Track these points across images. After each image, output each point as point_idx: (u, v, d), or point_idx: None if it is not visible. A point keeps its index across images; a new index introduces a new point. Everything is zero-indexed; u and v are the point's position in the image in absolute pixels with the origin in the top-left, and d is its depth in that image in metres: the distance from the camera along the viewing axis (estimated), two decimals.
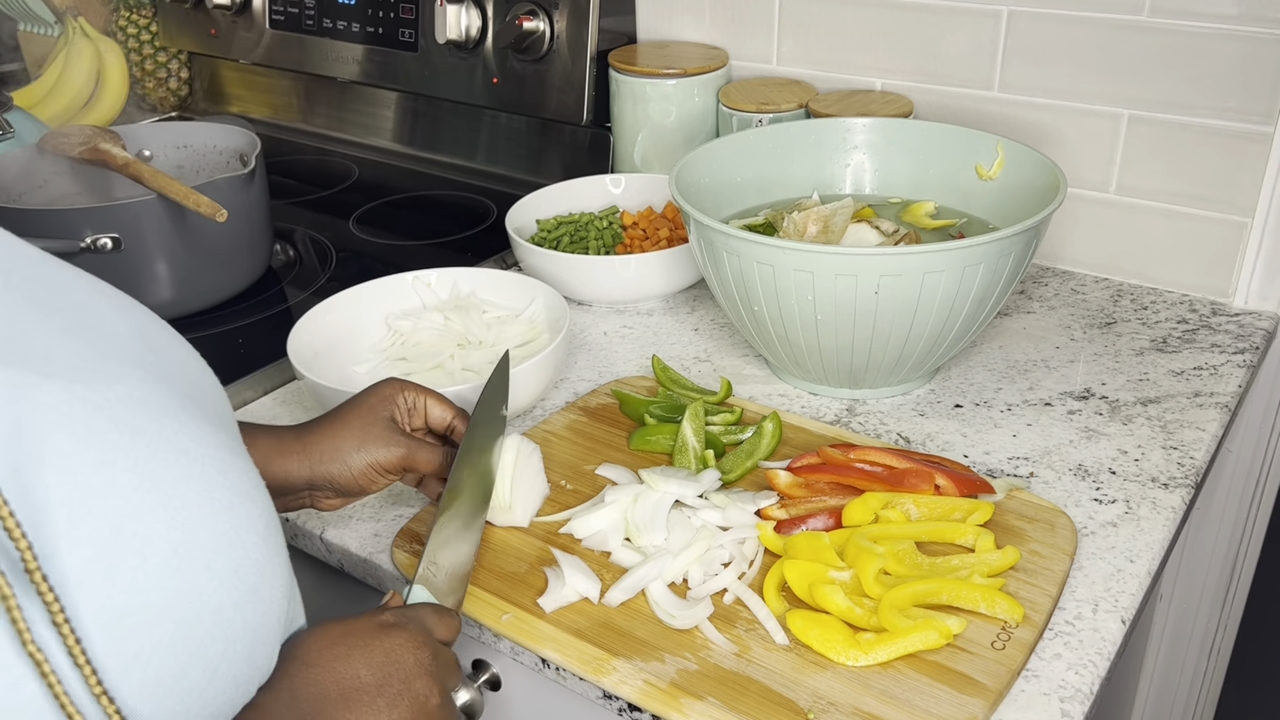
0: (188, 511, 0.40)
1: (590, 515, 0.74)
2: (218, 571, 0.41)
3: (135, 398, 0.41)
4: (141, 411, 0.41)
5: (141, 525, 0.38)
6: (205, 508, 0.41)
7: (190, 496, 0.41)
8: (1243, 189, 1.00)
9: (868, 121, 1.03)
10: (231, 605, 0.42)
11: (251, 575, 0.43)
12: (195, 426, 0.43)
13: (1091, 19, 1.02)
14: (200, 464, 0.42)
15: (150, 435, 0.40)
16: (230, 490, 0.43)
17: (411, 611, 0.57)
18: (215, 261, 1.10)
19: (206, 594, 0.41)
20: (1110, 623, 0.68)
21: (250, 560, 0.43)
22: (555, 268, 1.04)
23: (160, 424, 0.41)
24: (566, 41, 1.27)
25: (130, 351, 0.44)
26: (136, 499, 0.39)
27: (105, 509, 0.38)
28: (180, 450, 0.41)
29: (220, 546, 0.42)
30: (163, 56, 1.76)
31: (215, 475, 0.42)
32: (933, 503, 0.74)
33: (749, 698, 0.62)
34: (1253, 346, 0.97)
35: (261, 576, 0.44)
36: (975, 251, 0.77)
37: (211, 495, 0.42)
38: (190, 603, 0.40)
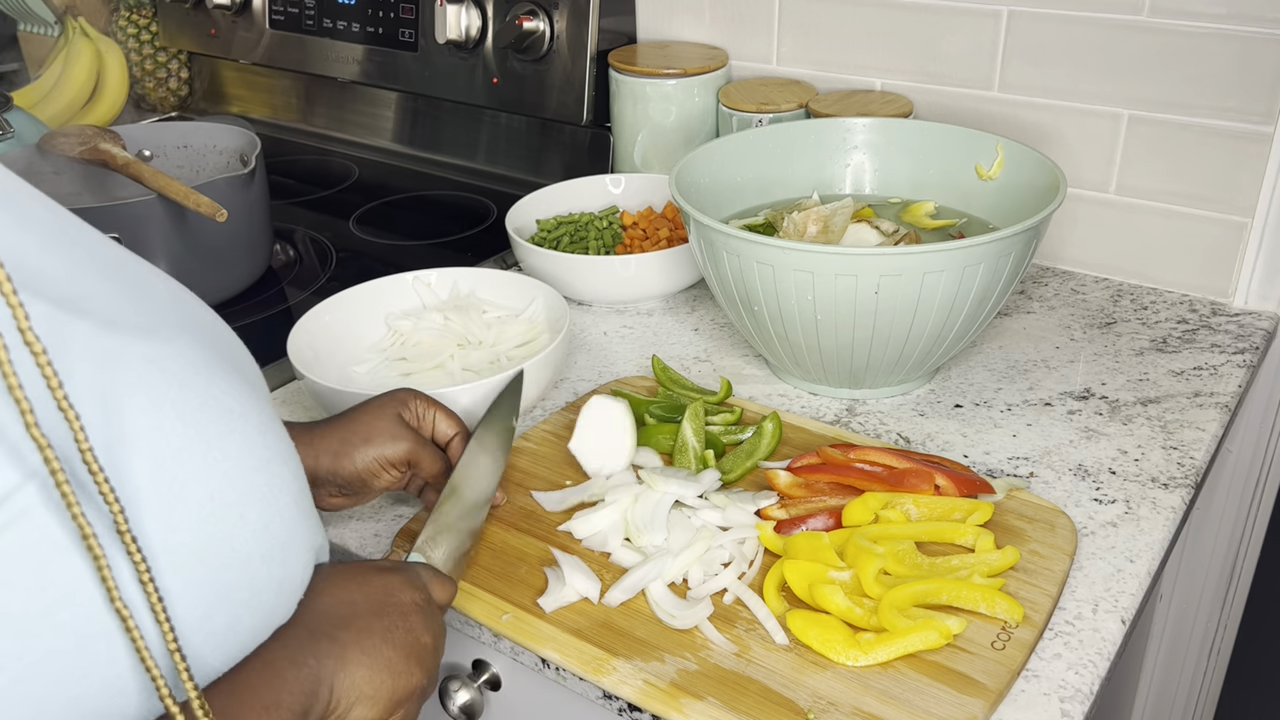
0: (228, 463, 0.43)
1: (590, 515, 0.74)
2: (250, 523, 0.43)
3: (185, 357, 0.43)
4: (191, 370, 0.43)
5: (181, 469, 0.41)
6: (244, 463, 0.44)
7: (231, 450, 0.43)
8: (1242, 189, 1.00)
9: (868, 121, 1.03)
10: (260, 557, 0.44)
11: (281, 532, 0.46)
12: (239, 389, 0.45)
13: (1091, 19, 1.02)
14: (243, 422, 0.44)
15: (198, 390, 0.43)
16: (268, 450, 0.45)
17: (409, 564, 0.61)
18: (215, 261, 1.10)
19: (238, 543, 0.43)
20: (1110, 623, 0.68)
21: (281, 518, 0.45)
22: (555, 268, 1.04)
23: (209, 381, 0.44)
24: (566, 41, 1.28)
25: (179, 318, 0.46)
26: (180, 444, 0.41)
27: (147, 451, 0.40)
28: (225, 408, 0.44)
29: (255, 500, 0.44)
30: (163, 56, 1.76)
31: (255, 434, 0.45)
32: (933, 503, 0.74)
33: (749, 698, 0.62)
34: (1253, 346, 0.97)
35: (290, 535, 0.46)
36: (975, 251, 0.77)
37: (251, 452, 0.44)
38: (221, 550, 0.42)
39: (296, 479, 0.48)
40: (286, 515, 0.46)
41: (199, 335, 0.46)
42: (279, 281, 1.20)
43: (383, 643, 0.54)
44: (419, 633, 0.56)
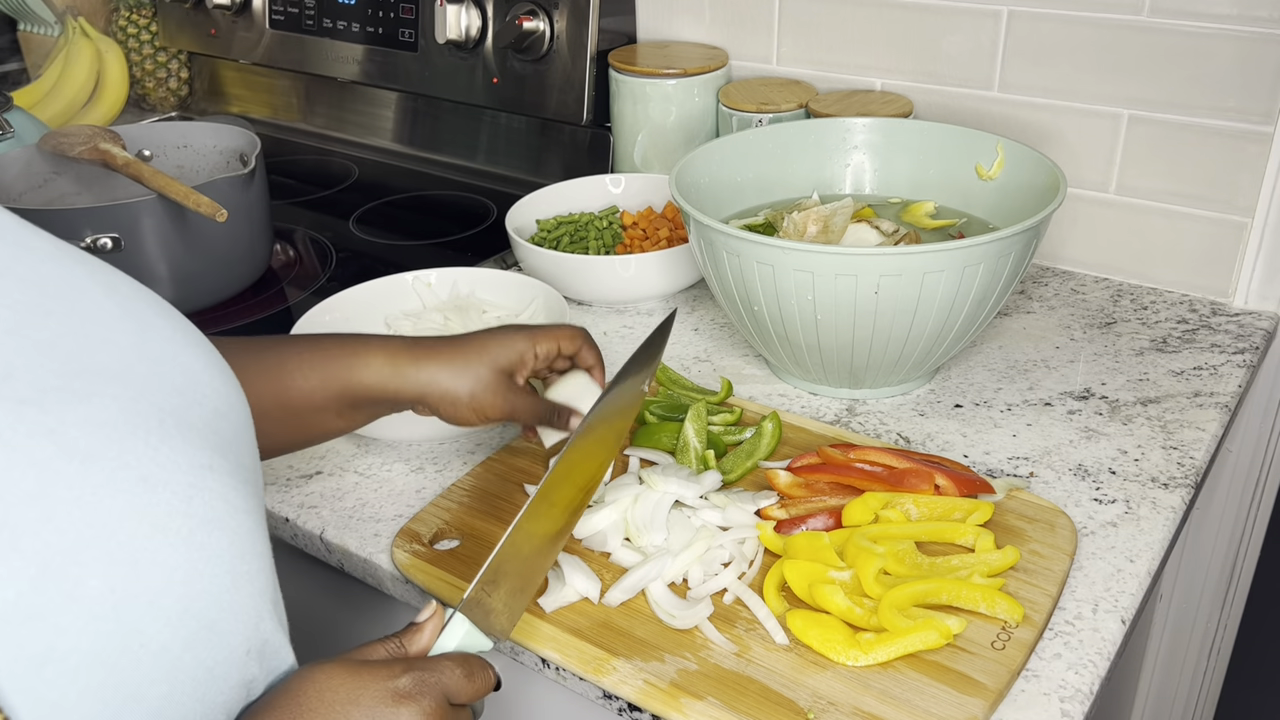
0: (134, 545, 0.38)
1: (590, 515, 0.74)
2: (164, 610, 0.38)
3: (98, 419, 0.39)
4: (102, 435, 0.39)
5: (74, 564, 0.36)
6: (156, 540, 0.39)
7: (141, 528, 0.38)
8: (1243, 189, 1.00)
9: (868, 121, 1.03)
10: (180, 645, 0.39)
11: (208, 610, 0.40)
12: (166, 448, 0.41)
13: (1091, 19, 1.02)
14: (161, 491, 0.39)
15: (106, 460, 0.38)
16: (193, 519, 0.40)
17: (434, 673, 0.49)
18: (215, 261, 1.10)
19: (148, 635, 0.38)
20: (1110, 623, 0.68)
21: (208, 594, 0.40)
22: (555, 268, 1.04)
23: (121, 448, 0.39)
24: (566, 41, 1.28)
25: (116, 361, 0.42)
26: (74, 534, 0.36)
27: (35, 547, 0.35)
28: (139, 477, 0.39)
29: (171, 581, 0.39)
30: (163, 56, 1.76)
31: (178, 503, 0.40)
32: (933, 503, 0.74)
33: (749, 698, 0.62)
34: (1253, 346, 0.97)
35: (222, 610, 0.41)
36: (975, 251, 0.77)
37: (167, 526, 0.39)
38: (128, 645, 0.37)
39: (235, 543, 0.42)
40: (215, 589, 0.40)
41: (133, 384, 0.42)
42: (279, 281, 1.20)
43: None
44: None
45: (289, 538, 0.83)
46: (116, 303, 0.45)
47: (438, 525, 0.77)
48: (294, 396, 0.68)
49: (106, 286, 0.45)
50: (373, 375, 0.69)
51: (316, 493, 0.84)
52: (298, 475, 0.86)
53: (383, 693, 0.47)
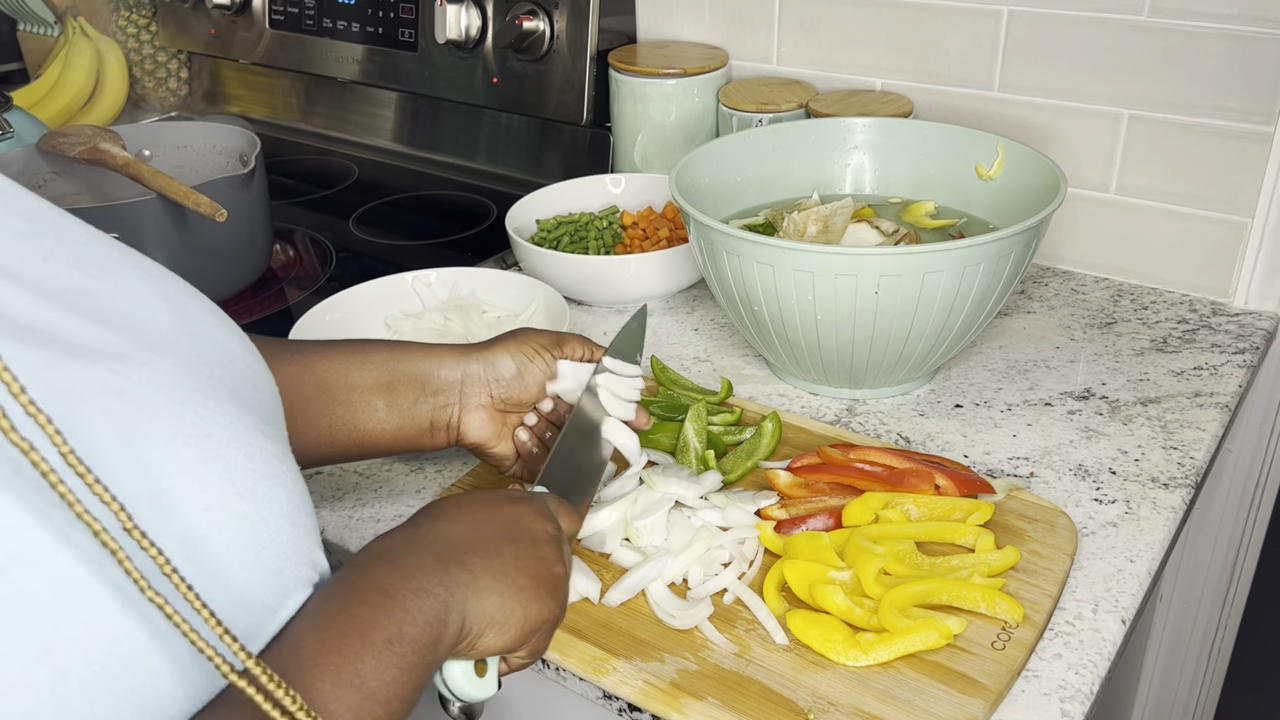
0: (207, 494, 0.40)
1: (589, 516, 0.74)
2: (237, 554, 0.41)
3: (161, 382, 0.41)
4: (165, 395, 0.41)
5: (159, 506, 0.38)
6: (226, 490, 0.41)
7: (210, 478, 0.41)
8: (1243, 189, 1.00)
9: (868, 121, 1.03)
10: (252, 587, 0.42)
11: (274, 557, 0.43)
12: (223, 410, 0.43)
13: (1091, 19, 1.02)
14: (225, 447, 0.42)
15: (173, 418, 0.41)
16: (256, 473, 0.43)
17: (537, 494, 0.59)
18: (215, 261, 1.10)
19: (225, 575, 0.41)
20: (1110, 623, 0.68)
21: (273, 543, 0.43)
22: (555, 268, 1.04)
23: (185, 407, 0.41)
24: (566, 41, 1.28)
25: (164, 336, 0.44)
26: (155, 480, 0.39)
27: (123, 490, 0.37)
28: (205, 434, 0.41)
29: (241, 529, 0.42)
30: (163, 56, 1.76)
31: (240, 459, 0.43)
32: (933, 503, 0.74)
33: (749, 698, 0.62)
34: (1253, 346, 0.97)
35: (285, 558, 0.44)
36: (975, 251, 0.77)
37: (234, 478, 0.42)
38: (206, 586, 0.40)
39: (292, 498, 0.45)
40: (280, 538, 0.44)
41: (184, 355, 0.44)
42: (279, 281, 1.20)
43: (515, 570, 0.52)
44: (551, 562, 0.54)
45: None
46: (152, 285, 0.46)
47: None
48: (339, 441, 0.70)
49: (142, 270, 0.47)
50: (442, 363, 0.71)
51: (316, 493, 0.84)
52: None
53: (499, 495, 0.57)
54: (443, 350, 0.71)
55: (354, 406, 0.69)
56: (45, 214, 0.45)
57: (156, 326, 0.44)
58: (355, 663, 0.44)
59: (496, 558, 0.52)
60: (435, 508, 0.55)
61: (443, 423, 0.71)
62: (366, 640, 0.45)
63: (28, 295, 0.40)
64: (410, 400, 0.70)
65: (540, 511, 0.57)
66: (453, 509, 0.54)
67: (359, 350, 0.71)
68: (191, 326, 0.47)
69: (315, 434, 0.68)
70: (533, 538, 0.55)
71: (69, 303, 0.41)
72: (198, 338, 0.46)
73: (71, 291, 0.42)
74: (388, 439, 0.70)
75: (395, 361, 0.70)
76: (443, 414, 0.71)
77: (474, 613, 0.50)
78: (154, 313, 0.45)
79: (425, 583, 0.48)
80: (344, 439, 0.70)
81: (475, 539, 0.52)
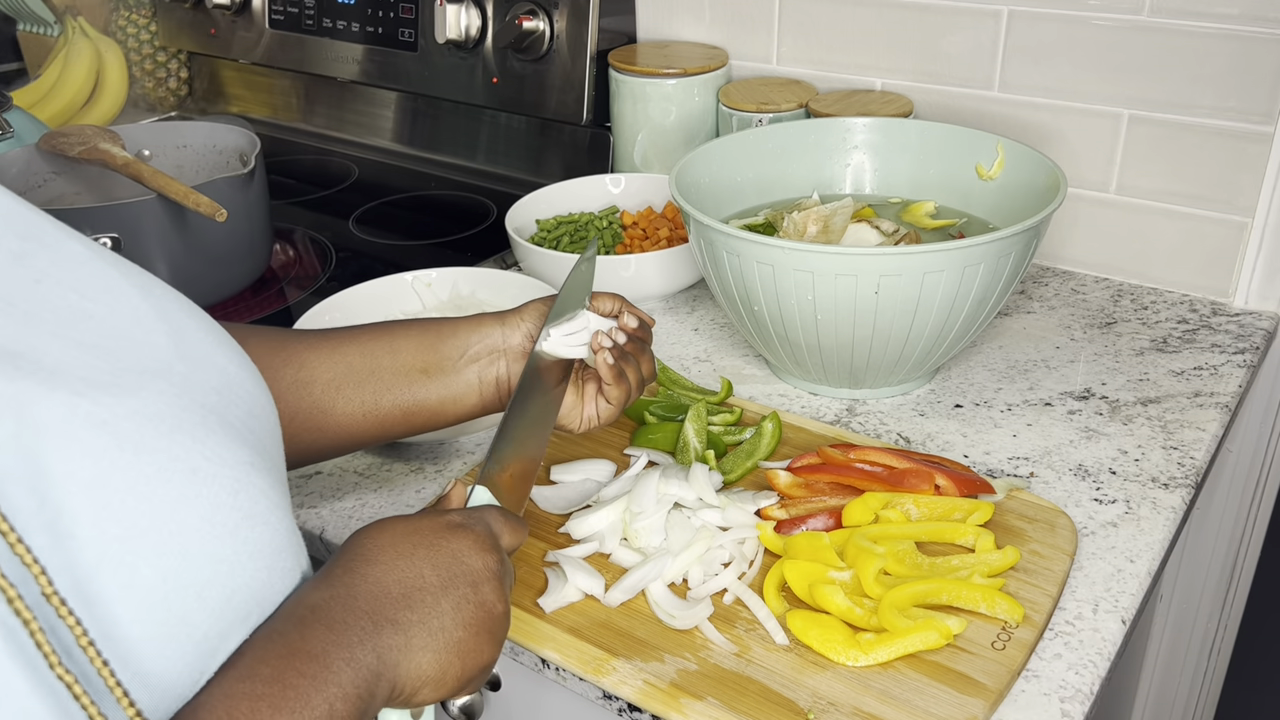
0: (185, 536, 0.39)
1: (589, 516, 0.74)
2: (208, 601, 0.40)
3: (147, 413, 0.40)
4: (151, 427, 0.39)
5: (130, 552, 0.37)
6: (205, 532, 0.40)
7: (191, 519, 0.39)
8: (1243, 189, 1.00)
9: (868, 121, 1.03)
10: (218, 635, 0.41)
11: (246, 603, 0.42)
12: (213, 442, 0.42)
13: (1091, 19, 1.01)
14: (210, 484, 0.40)
15: (157, 452, 0.39)
16: (239, 512, 0.41)
17: (479, 513, 0.55)
18: (215, 261, 1.10)
19: (194, 624, 0.39)
20: (1110, 623, 0.68)
21: (247, 588, 0.42)
22: (555, 268, 1.04)
23: (170, 440, 0.40)
24: (566, 41, 1.27)
25: (157, 362, 0.43)
26: (129, 523, 0.37)
27: (92, 535, 0.36)
28: (189, 469, 0.40)
29: (216, 574, 0.40)
30: (162, 56, 1.76)
31: (225, 496, 0.41)
32: (933, 503, 0.74)
33: (749, 698, 0.62)
34: (1253, 346, 0.97)
35: (257, 604, 0.43)
36: (975, 251, 0.77)
37: (216, 518, 0.40)
38: (175, 634, 0.38)
39: (274, 540, 0.43)
40: (254, 584, 0.42)
41: (177, 382, 0.43)
42: (279, 281, 1.20)
43: (452, 624, 0.49)
44: (491, 604, 0.51)
45: None
46: (151, 305, 0.45)
47: None
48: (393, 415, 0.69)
49: (141, 289, 0.46)
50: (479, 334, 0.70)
51: (316, 493, 0.84)
52: (298, 475, 0.85)
53: (437, 525, 0.52)
54: (479, 318, 0.71)
55: (396, 382, 0.68)
56: (45, 231, 0.44)
57: (151, 351, 0.43)
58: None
59: (433, 611, 0.49)
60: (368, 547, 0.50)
61: (490, 378, 0.70)
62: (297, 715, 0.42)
63: (15, 321, 0.38)
64: (453, 367, 0.69)
65: (481, 543, 0.52)
66: (389, 551, 0.50)
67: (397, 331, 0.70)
68: (188, 350, 0.45)
69: (359, 407, 0.67)
70: (472, 579, 0.51)
71: (59, 327, 0.40)
72: (194, 362, 0.45)
73: (64, 314, 0.41)
74: (434, 402, 0.69)
75: (433, 340, 0.69)
76: (489, 370, 0.70)
77: (406, 674, 0.47)
78: (150, 336, 0.44)
79: (359, 651, 0.45)
80: (390, 408, 0.68)
81: (410, 590, 0.49)
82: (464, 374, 0.69)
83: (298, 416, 0.66)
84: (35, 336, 0.39)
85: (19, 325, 0.39)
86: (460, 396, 0.69)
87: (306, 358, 0.67)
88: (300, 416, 0.66)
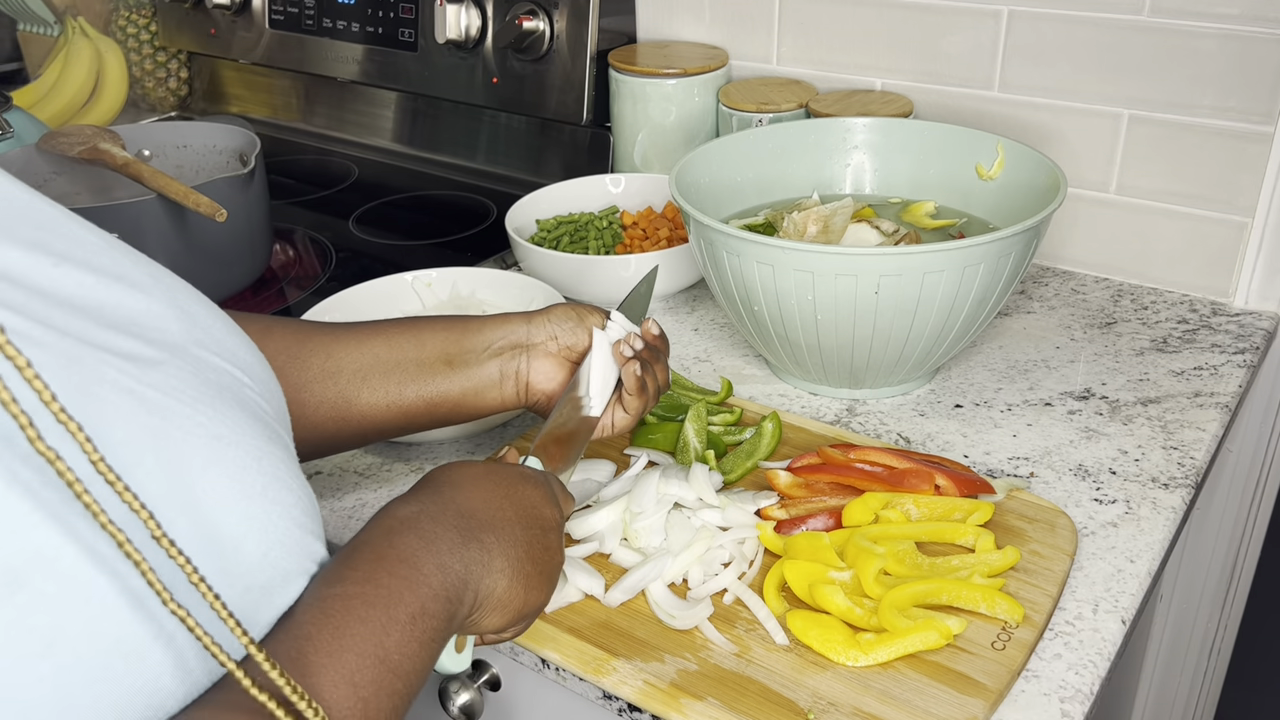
0: (216, 494, 0.40)
1: (589, 516, 0.74)
2: (247, 554, 0.41)
3: (170, 384, 0.41)
4: (175, 397, 0.41)
5: (167, 507, 0.38)
6: (236, 491, 0.41)
7: (221, 479, 0.41)
8: (1243, 189, 1.00)
9: (868, 121, 1.03)
10: (260, 588, 0.42)
11: (283, 559, 0.43)
12: (231, 416, 0.43)
13: (1091, 19, 1.01)
14: (233, 449, 0.42)
15: (182, 419, 0.41)
16: (265, 476, 0.43)
17: (545, 474, 0.60)
18: (215, 261, 1.10)
19: (236, 576, 0.41)
20: (1110, 623, 0.68)
21: (282, 545, 0.43)
22: (555, 268, 1.04)
23: (193, 409, 0.41)
24: (566, 41, 1.27)
25: (172, 340, 0.44)
26: (163, 478, 0.39)
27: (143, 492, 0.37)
28: (212, 435, 0.41)
29: (250, 531, 0.42)
30: (162, 56, 1.76)
31: (249, 460, 0.43)
32: (933, 503, 0.74)
33: (749, 698, 0.62)
34: (1253, 346, 0.97)
35: (294, 561, 0.44)
36: (975, 251, 0.77)
37: (244, 480, 0.42)
38: (219, 584, 0.40)
39: (300, 502, 0.45)
40: (289, 540, 0.44)
41: (191, 361, 0.44)
42: (279, 281, 1.20)
43: (526, 555, 0.54)
44: (555, 550, 0.56)
45: None
46: (162, 292, 0.46)
47: None
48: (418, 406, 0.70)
49: (153, 277, 0.47)
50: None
51: (317, 492, 0.84)
52: None
53: (514, 474, 0.57)
54: (504, 315, 0.72)
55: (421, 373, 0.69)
56: (59, 221, 0.45)
57: (164, 334, 0.44)
58: (381, 636, 0.45)
59: (512, 541, 0.53)
60: (454, 475, 0.55)
61: (511, 372, 0.70)
62: (392, 614, 0.45)
63: (38, 300, 0.40)
64: (477, 359, 0.70)
65: (550, 497, 0.58)
66: (472, 481, 0.54)
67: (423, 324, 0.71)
68: (200, 334, 0.47)
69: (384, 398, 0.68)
70: (543, 524, 0.56)
71: (79, 308, 0.41)
72: (205, 345, 0.46)
73: (81, 297, 0.42)
74: (455, 394, 0.70)
75: (459, 334, 0.71)
76: (510, 364, 0.71)
77: (484, 591, 0.51)
78: (162, 320, 0.45)
79: (448, 559, 0.49)
80: (413, 399, 0.69)
81: (494, 518, 0.53)
82: (486, 367, 0.70)
83: (323, 406, 0.67)
84: (60, 314, 0.40)
85: (43, 304, 0.40)
86: (482, 389, 0.70)
87: (333, 348, 0.68)
88: (325, 406, 0.67)
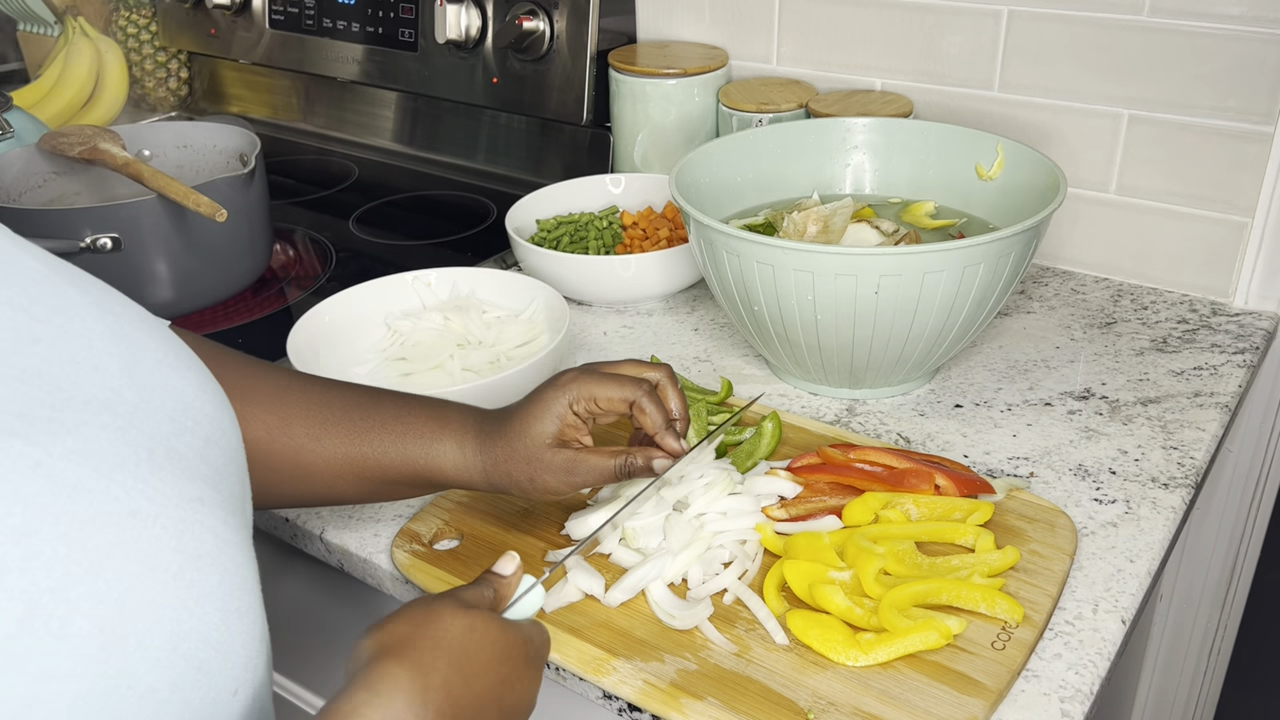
0: (123, 584, 0.36)
1: (589, 516, 0.74)
2: (152, 650, 0.37)
3: (86, 451, 0.38)
4: (90, 467, 0.37)
5: (63, 603, 0.35)
6: (145, 577, 0.37)
7: (129, 565, 0.37)
8: (1243, 189, 1.00)
9: (868, 121, 1.03)
10: (167, 686, 0.38)
11: (197, 650, 0.39)
12: (156, 480, 0.40)
13: (1091, 19, 1.01)
14: (151, 525, 0.38)
15: (94, 494, 0.37)
16: (183, 554, 0.39)
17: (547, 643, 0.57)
18: (215, 261, 1.10)
19: (136, 677, 0.37)
20: (1110, 623, 0.68)
21: (197, 633, 0.39)
22: (555, 268, 1.04)
23: (110, 481, 0.38)
24: (566, 41, 1.27)
25: (105, 390, 0.41)
26: (62, 572, 0.35)
27: (22, 585, 0.34)
28: (129, 511, 0.38)
29: (160, 621, 0.38)
30: (163, 56, 1.76)
31: (167, 538, 0.39)
32: (933, 503, 0.74)
33: (749, 698, 0.62)
34: (1253, 346, 0.97)
35: (212, 649, 0.40)
36: (975, 251, 0.77)
37: (157, 562, 0.38)
38: (115, 688, 0.36)
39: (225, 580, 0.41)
40: (204, 628, 0.39)
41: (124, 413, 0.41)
42: (279, 281, 1.20)
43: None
44: None
45: (289, 538, 0.83)
46: (108, 324, 0.43)
47: (437, 525, 0.77)
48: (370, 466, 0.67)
49: (99, 306, 0.44)
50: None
51: None
52: None
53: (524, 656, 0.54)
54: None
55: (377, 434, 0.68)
56: None
57: (100, 377, 0.41)
58: None
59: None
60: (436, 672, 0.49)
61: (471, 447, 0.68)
62: None
63: None
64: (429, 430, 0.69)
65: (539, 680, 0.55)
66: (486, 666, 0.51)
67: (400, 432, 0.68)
68: (143, 375, 0.43)
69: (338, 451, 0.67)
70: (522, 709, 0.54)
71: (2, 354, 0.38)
72: (148, 388, 0.43)
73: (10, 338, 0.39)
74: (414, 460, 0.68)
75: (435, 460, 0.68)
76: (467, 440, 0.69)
77: None
78: (101, 360, 0.42)
79: None
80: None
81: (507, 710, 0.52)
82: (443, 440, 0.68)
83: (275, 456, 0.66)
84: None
85: None
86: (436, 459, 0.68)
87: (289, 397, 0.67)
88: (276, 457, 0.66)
